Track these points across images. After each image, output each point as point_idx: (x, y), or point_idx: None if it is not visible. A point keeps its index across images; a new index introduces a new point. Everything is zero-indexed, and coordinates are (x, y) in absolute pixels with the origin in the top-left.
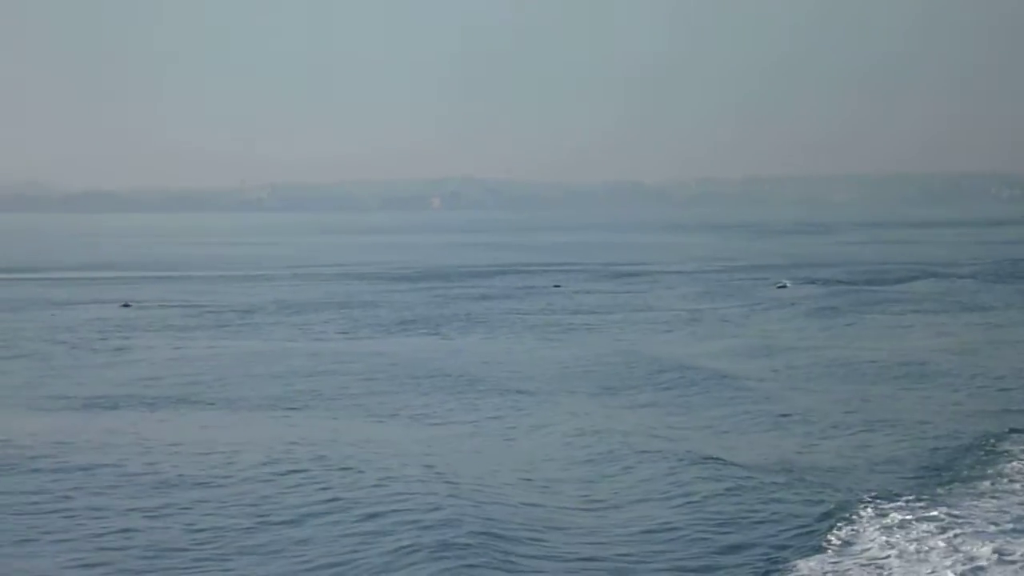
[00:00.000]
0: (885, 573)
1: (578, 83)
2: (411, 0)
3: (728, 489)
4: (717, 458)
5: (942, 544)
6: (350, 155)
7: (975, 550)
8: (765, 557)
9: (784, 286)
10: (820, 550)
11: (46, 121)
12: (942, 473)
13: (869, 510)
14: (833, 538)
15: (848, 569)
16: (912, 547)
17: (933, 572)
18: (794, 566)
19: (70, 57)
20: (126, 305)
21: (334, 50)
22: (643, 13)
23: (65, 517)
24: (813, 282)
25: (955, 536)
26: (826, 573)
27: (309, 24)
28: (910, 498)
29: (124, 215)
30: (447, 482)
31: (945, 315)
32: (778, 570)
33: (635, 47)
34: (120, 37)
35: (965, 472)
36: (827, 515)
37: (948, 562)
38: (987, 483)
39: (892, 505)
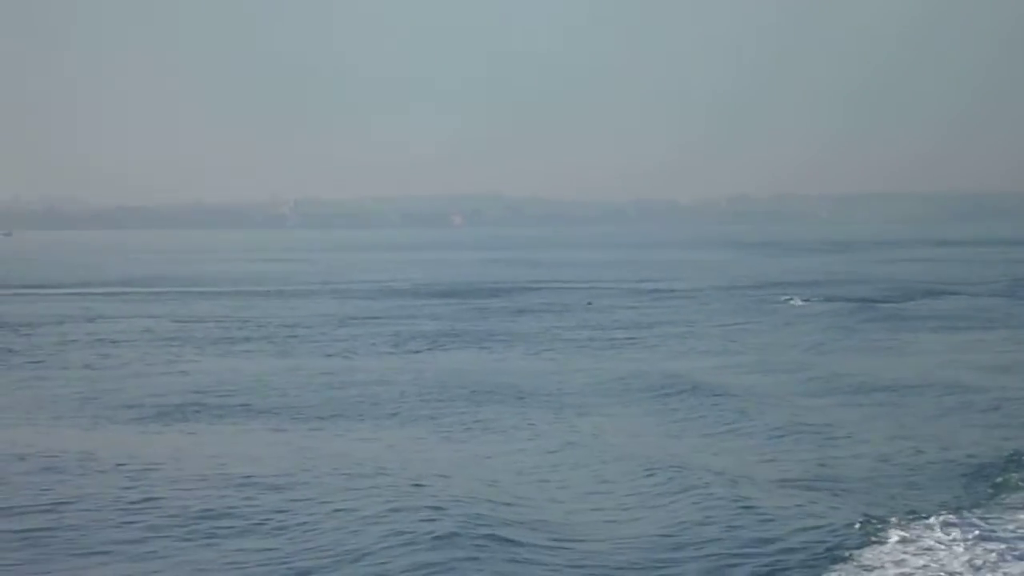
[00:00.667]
0: None
1: (608, 104)
2: (438, 20)
3: (750, 507)
4: (743, 475)
5: (976, 560)
6: (370, 171)
7: (1008, 567)
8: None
9: (803, 300)
10: (847, 568)
11: (77, 137)
12: (972, 489)
13: (897, 528)
14: (860, 556)
15: None
16: (941, 564)
17: None
18: None
19: (100, 72)
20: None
21: (355, 66)
22: (672, 36)
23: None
24: (831, 299)
25: (986, 551)
26: None
27: (333, 40)
28: (940, 515)
29: (156, 231)
30: (507, 493)
31: (973, 332)
32: None
33: (664, 70)
34: (141, 50)
35: (994, 490)
36: (854, 532)
37: None
38: (1018, 498)
39: (921, 523)
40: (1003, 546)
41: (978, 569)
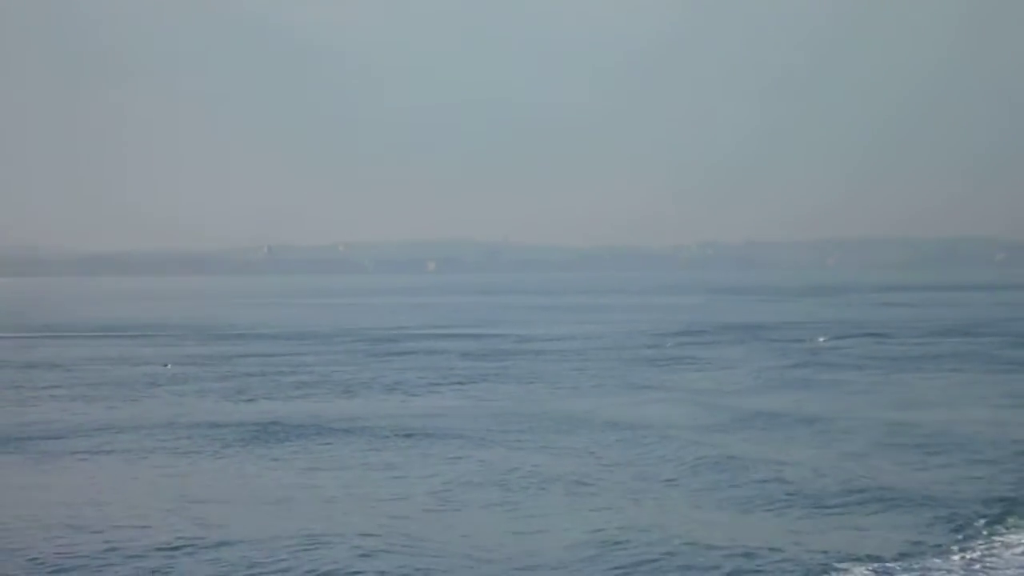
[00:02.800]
0: None
1: (580, 152)
2: (409, 63)
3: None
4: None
5: None
6: (340, 217)
7: None
8: None
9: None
10: None
11: (45, 185)
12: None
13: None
14: None
15: None
16: None
17: None
18: None
19: (70, 120)
20: (165, 365)
21: (328, 108)
22: (646, 87)
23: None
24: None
25: None
26: None
27: (302, 81)
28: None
29: (130, 277)
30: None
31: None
32: None
33: (636, 120)
34: (108, 97)
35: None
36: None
37: None
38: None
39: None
40: None
41: None
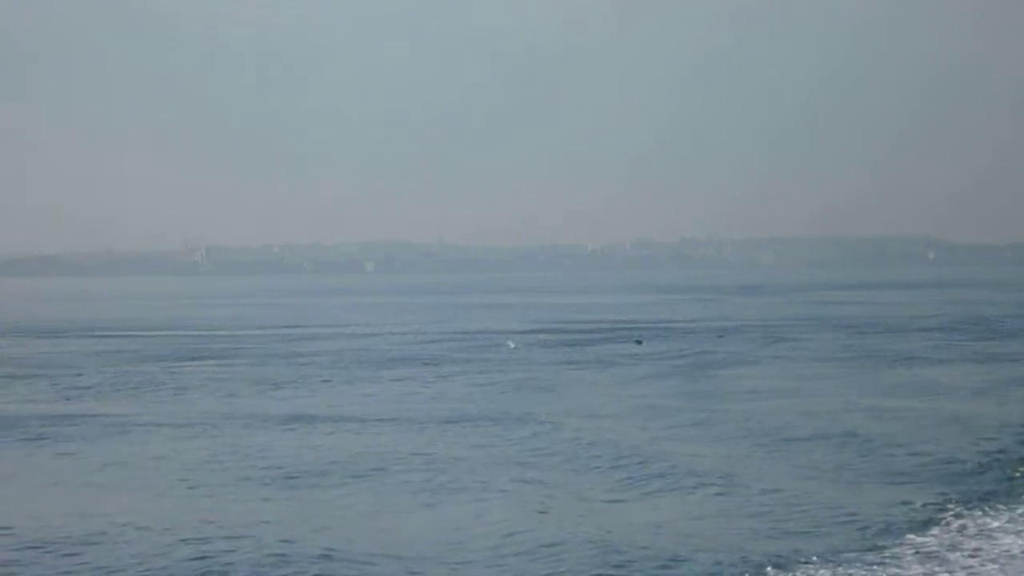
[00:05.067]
0: None
1: (513, 150)
2: (340, 67)
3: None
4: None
5: None
6: (274, 217)
7: None
8: None
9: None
10: None
11: None
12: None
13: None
14: None
15: None
16: None
17: None
18: None
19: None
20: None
21: (257, 108)
22: (578, 84)
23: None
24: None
25: None
26: None
27: (238, 84)
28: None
29: (70, 279)
30: None
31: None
32: None
33: (570, 118)
34: (43, 88)
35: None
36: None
37: None
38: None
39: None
40: None
41: None
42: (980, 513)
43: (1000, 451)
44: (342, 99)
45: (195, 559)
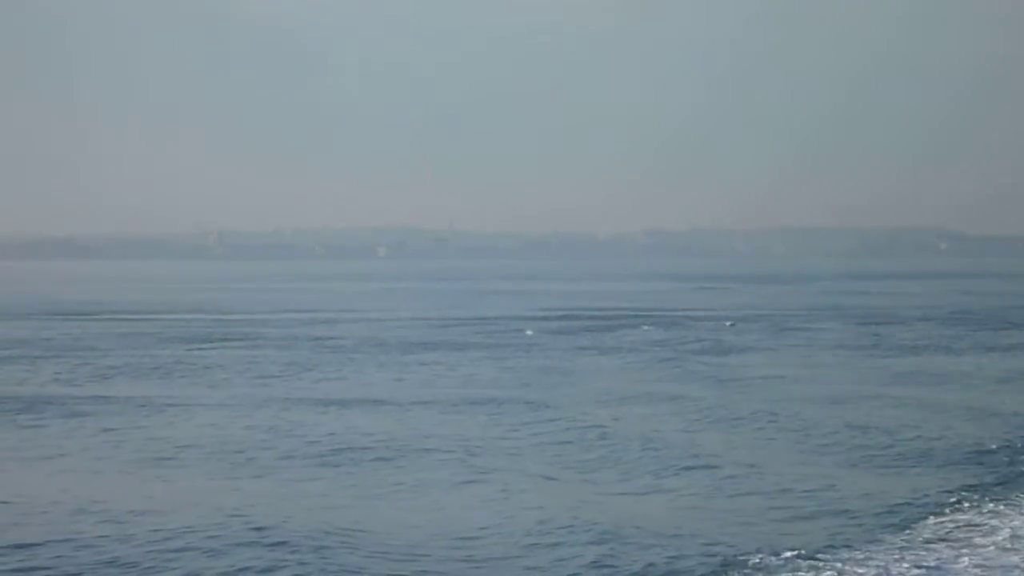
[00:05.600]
0: None
1: (525, 138)
2: (355, 49)
3: (613, 550)
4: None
5: None
6: (284, 202)
7: None
8: None
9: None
10: None
11: None
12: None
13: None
14: None
15: None
16: None
17: None
18: None
19: (12, 103)
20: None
21: (277, 92)
22: (592, 72)
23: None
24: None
25: None
26: None
27: (244, 63)
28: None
29: (85, 262)
30: None
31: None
32: None
33: (582, 106)
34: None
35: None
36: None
37: None
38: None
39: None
40: None
41: None
42: (991, 501)
43: (1009, 441)
44: (353, 85)
45: (248, 530)
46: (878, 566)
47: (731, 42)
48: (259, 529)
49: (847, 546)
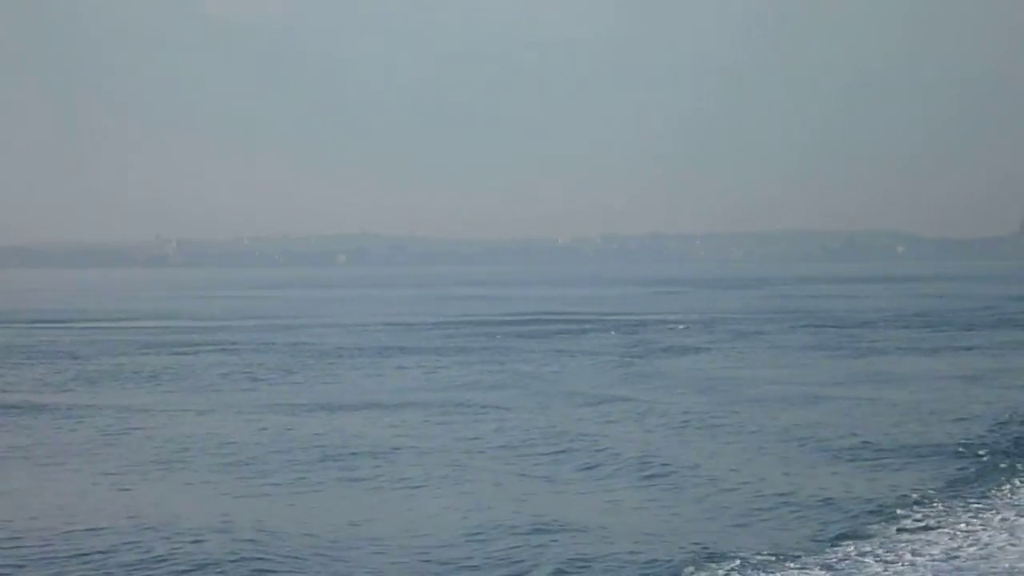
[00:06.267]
0: None
1: (482, 146)
2: (316, 57)
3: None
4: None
5: None
6: (242, 210)
7: None
8: None
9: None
10: None
11: None
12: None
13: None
14: None
15: None
16: None
17: None
18: None
19: None
20: None
21: (236, 98)
22: (548, 79)
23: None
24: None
25: None
26: None
27: (213, 77)
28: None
29: (42, 271)
30: None
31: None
32: None
33: (536, 111)
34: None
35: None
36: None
37: None
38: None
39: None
40: None
41: None
42: (940, 504)
43: (963, 440)
44: (313, 90)
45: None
46: (838, 568)
47: (698, 53)
48: (197, 541)
49: (805, 549)
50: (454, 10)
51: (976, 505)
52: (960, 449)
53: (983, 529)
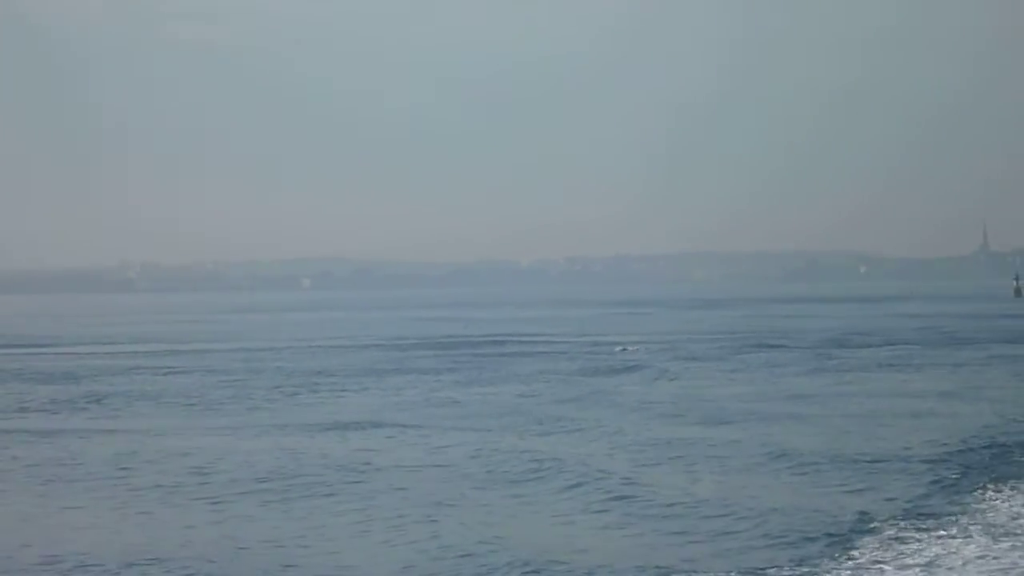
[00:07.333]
0: None
1: (449, 164)
2: (278, 82)
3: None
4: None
5: None
6: (208, 234)
7: None
8: None
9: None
10: None
11: None
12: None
13: None
14: None
15: None
16: None
17: None
18: None
19: None
20: None
21: (201, 121)
22: (512, 99)
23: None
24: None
25: None
26: None
27: (176, 99)
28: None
29: (3, 297)
30: None
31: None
32: None
33: (502, 128)
34: None
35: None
36: None
37: None
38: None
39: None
40: None
41: None
42: (907, 524)
43: (936, 455)
44: (281, 114)
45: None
46: None
47: (673, 79)
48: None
49: (778, 566)
50: (422, 35)
51: (950, 519)
52: (933, 463)
53: (962, 541)
